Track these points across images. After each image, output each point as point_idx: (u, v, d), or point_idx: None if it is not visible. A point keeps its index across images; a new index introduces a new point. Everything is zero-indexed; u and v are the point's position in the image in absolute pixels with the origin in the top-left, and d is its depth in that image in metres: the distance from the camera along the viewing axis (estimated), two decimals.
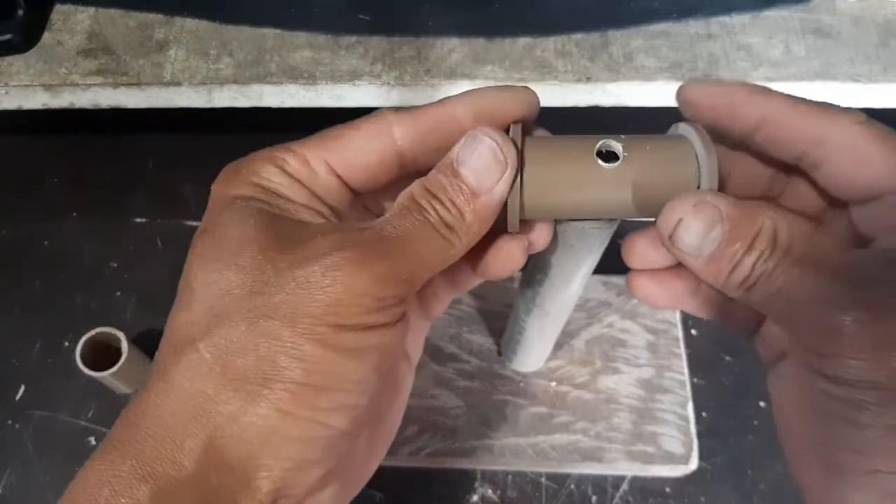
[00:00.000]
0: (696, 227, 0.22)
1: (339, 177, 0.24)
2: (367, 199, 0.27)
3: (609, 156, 0.24)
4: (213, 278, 0.21)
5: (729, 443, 0.49)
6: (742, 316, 0.28)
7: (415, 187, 0.23)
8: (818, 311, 0.20)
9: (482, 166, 0.23)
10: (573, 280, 0.32)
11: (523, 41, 0.50)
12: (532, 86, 0.48)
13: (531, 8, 0.51)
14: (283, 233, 0.22)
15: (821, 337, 0.20)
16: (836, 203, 0.25)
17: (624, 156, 0.24)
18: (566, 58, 0.50)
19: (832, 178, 0.24)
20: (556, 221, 0.27)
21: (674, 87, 0.25)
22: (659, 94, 0.49)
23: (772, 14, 0.52)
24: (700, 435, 0.48)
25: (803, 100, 0.24)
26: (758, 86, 0.24)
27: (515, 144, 0.24)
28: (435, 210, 0.23)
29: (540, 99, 0.26)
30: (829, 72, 0.49)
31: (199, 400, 0.20)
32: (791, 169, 0.25)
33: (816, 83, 0.49)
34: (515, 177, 0.23)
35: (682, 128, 0.25)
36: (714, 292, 0.28)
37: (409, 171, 0.25)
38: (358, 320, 0.21)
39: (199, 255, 0.22)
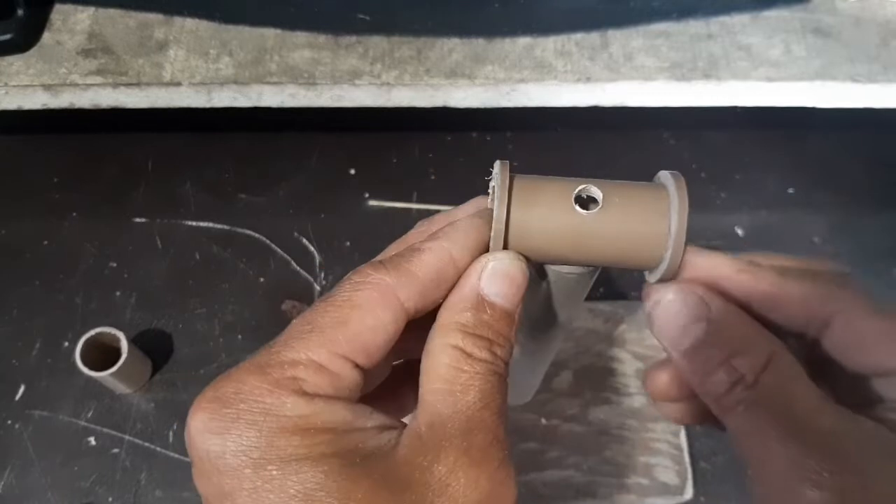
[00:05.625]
0: (674, 311, 0.21)
1: (357, 366, 0.21)
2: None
3: (589, 201, 0.24)
4: None
5: (726, 443, 0.49)
6: None
7: (460, 339, 0.21)
8: (787, 477, 0.19)
9: (508, 288, 0.22)
10: (555, 324, 0.32)
11: (523, 41, 0.50)
12: (532, 86, 0.49)
13: (531, 8, 0.51)
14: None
15: None
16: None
17: (601, 204, 0.23)
18: (566, 58, 0.50)
19: (839, 353, 0.22)
20: (538, 264, 0.27)
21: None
22: (659, 93, 0.49)
23: (772, 14, 0.52)
24: (699, 435, 0.48)
25: (791, 271, 0.22)
26: (742, 261, 0.23)
27: (504, 183, 0.23)
28: (493, 354, 0.21)
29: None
30: (829, 72, 0.49)
31: None
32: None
33: (816, 83, 0.49)
34: (507, 219, 0.23)
35: (664, 176, 0.24)
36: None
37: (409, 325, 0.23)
38: None
39: None
